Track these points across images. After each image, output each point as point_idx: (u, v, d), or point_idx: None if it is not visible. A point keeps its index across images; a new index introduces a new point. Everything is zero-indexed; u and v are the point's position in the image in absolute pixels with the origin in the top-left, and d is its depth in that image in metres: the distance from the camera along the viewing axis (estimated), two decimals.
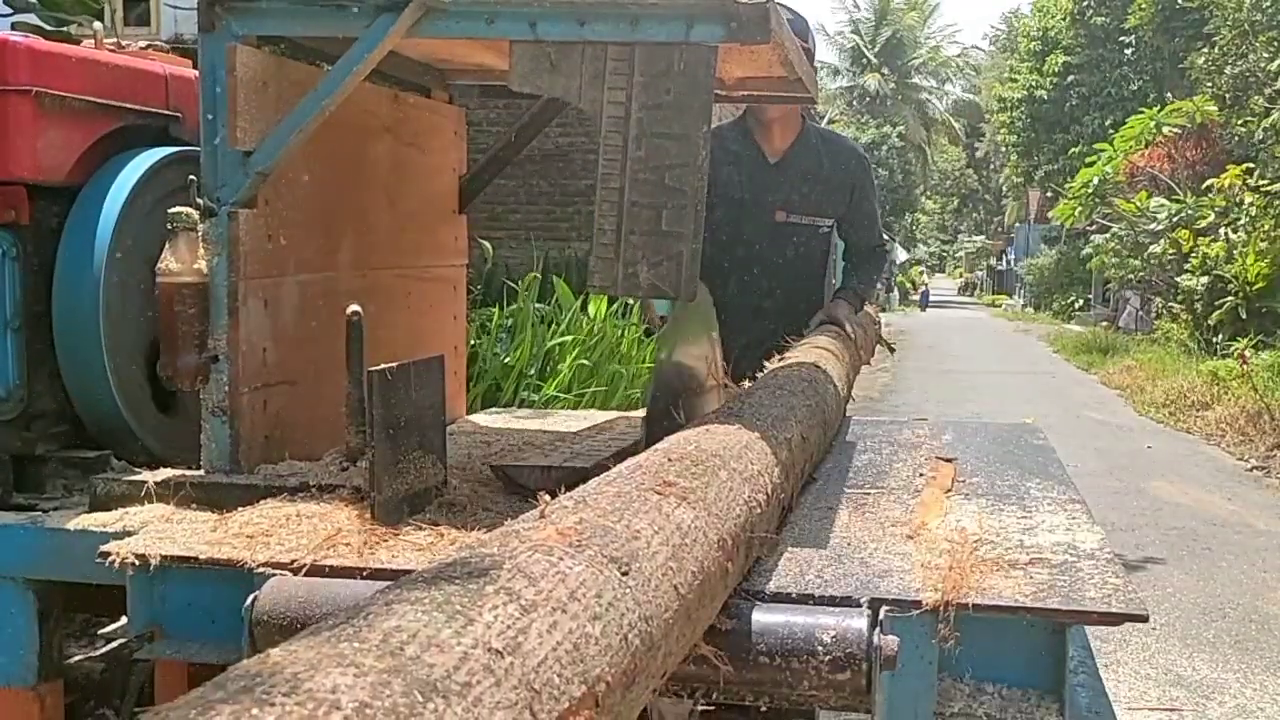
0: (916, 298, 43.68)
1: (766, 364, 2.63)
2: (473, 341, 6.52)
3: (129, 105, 2.41)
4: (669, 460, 1.37)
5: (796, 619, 1.36)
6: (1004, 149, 36.75)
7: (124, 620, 1.78)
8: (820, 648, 1.32)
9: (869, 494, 2.07)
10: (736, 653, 1.34)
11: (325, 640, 0.64)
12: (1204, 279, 15.46)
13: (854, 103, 47.96)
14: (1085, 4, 28.84)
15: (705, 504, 1.25)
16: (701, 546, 1.15)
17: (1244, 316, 14.54)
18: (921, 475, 2.23)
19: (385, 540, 1.71)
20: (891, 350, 5.40)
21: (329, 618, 0.71)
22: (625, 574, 0.92)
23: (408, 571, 0.85)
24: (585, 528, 0.98)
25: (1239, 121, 16.74)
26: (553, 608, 0.78)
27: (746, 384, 2.47)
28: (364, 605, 0.72)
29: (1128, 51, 27.71)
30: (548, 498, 1.10)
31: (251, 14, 2.06)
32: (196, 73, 2.18)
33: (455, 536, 1.73)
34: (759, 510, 1.47)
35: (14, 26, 3.35)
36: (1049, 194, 29.64)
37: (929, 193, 58.06)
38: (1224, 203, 15.42)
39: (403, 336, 2.83)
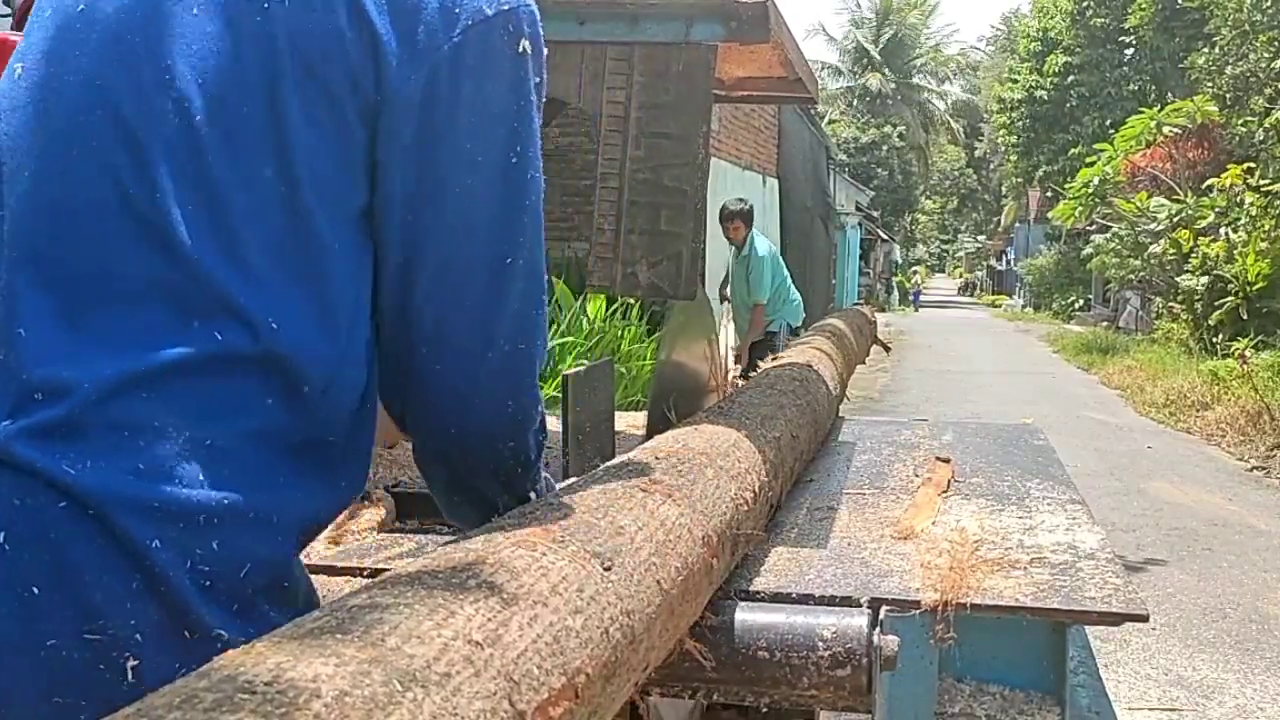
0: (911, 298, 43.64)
1: None
2: None
3: None
4: (655, 458, 1.38)
5: (796, 619, 1.36)
6: (1004, 149, 36.80)
7: None
8: (820, 647, 1.32)
9: (868, 494, 2.07)
10: (736, 653, 1.34)
11: (309, 632, 0.66)
12: (1204, 279, 15.48)
13: (854, 102, 48.03)
14: (1085, 4, 28.88)
15: (690, 501, 1.26)
16: (686, 543, 1.16)
17: (1244, 316, 14.56)
18: (919, 475, 2.23)
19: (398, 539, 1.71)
20: (888, 350, 5.41)
21: (315, 611, 0.72)
22: (608, 569, 0.93)
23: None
24: (569, 523, 0.99)
25: (1239, 121, 16.76)
26: (534, 601, 0.79)
27: None
28: (348, 599, 0.73)
29: (1128, 51, 27.77)
30: (533, 495, 1.11)
31: None
32: None
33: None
34: (746, 508, 1.47)
35: None
36: (1049, 194, 29.67)
37: (929, 193, 58.14)
38: (1224, 203, 15.44)
39: None
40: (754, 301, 6.96)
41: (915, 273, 52.17)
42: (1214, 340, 14.92)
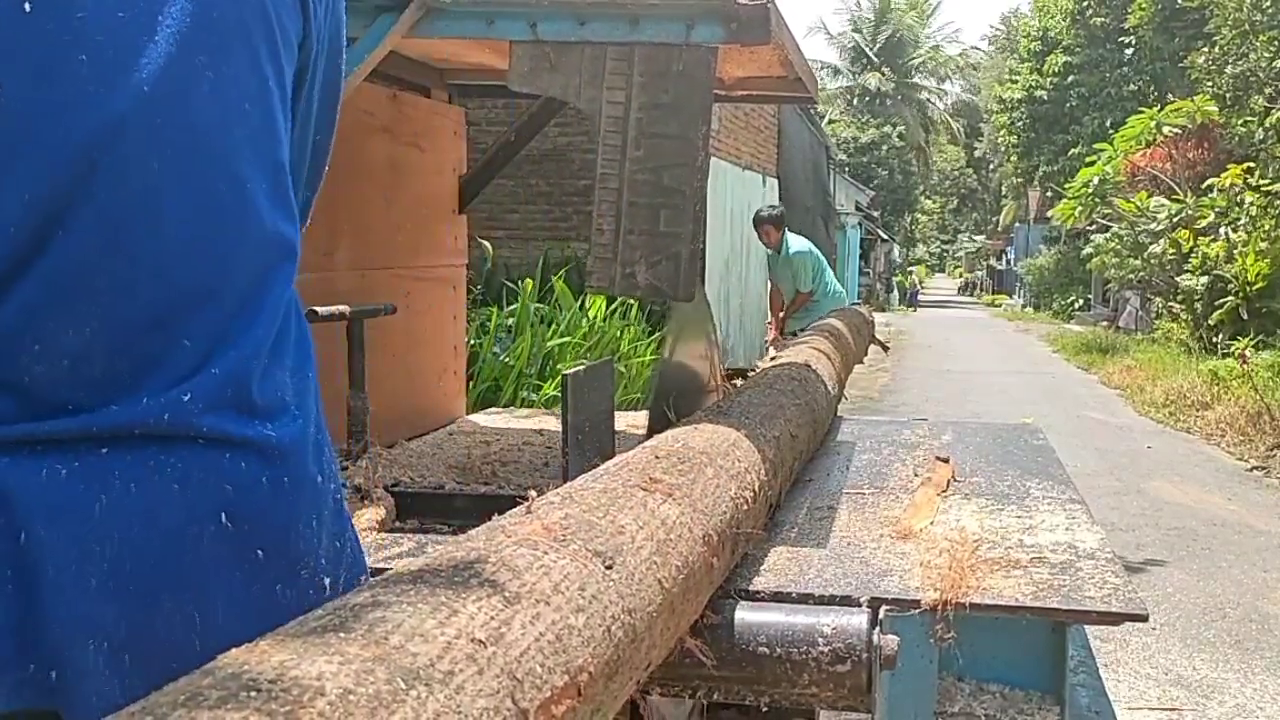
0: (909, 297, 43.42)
1: None
2: (472, 341, 6.52)
3: None
4: (656, 457, 1.39)
5: (796, 618, 1.36)
6: (1004, 149, 36.79)
7: None
8: (820, 646, 1.33)
9: (868, 494, 2.07)
10: (737, 652, 1.34)
11: (312, 630, 0.66)
12: (1204, 279, 15.46)
13: (854, 101, 48.01)
14: (1085, 4, 28.86)
15: (691, 500, 1.26)
16: (686, 542, 1.16)
17: (1244, 316, 14.55)
18: (918, 475, 2.24)
19: (386, 541, 1.71)
20: (886, 349, 5.43)
21: (318, 610, 0.72)
22: (609, 568, 0.93)
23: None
24: (570, 523, 0.99)
25: (1239, 121, 16.73)
26: (536, 600, 0.79)
27: None
28: (350, 597, 0.74)
29: (1128, 51, 27.75)
30: (534, 494, 1.12)
31: None
32: None
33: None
34: (745, 507, 1.47)
35: None
36: (1049, 194, 29.65)
37: (929, 193, 58.11)
38: (1224, 202, 15.43)
39: (401, 336, 2.83)
40: (800, 291, 7.23)
41: (912, 272, 52.04)
42: (1214, 340, 14.91)
